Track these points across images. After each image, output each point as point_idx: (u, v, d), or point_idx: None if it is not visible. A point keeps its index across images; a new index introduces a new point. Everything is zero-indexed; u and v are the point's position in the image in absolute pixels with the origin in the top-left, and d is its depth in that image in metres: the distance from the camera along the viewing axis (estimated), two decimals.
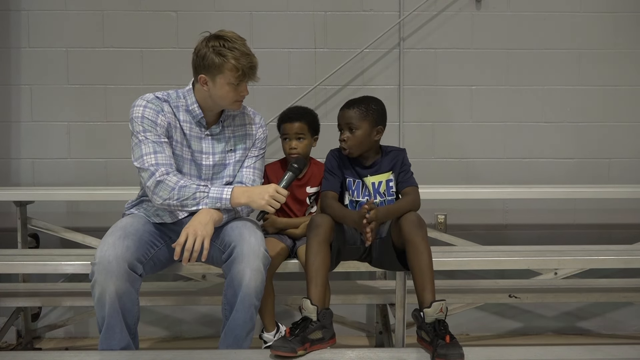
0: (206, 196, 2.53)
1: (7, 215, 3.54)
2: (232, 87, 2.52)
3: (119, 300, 2.36)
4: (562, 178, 3.66)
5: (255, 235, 2.52)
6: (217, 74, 2.50)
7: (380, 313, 3.43)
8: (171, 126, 2.59)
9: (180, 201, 2.52)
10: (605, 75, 3.65)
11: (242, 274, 2.43)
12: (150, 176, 2.50)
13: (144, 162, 2.51)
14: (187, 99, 2.63)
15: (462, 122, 3.65)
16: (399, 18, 3.57)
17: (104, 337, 2.40)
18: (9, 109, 3.60)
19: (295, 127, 2.90)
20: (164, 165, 2.51)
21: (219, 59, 2.48)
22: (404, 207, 2.64)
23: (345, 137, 2.71)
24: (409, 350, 2.47)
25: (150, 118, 2.55)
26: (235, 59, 2.48)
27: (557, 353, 2.45)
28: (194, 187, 2.52)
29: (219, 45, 2.49)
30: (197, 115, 2.62)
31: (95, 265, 2.38)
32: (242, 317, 2.44)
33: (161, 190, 2.50)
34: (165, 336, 3.68)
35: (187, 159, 2.64)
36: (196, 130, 2.65)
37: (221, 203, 2.53)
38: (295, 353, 2.28)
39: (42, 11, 3.55)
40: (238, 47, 2.50)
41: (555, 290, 3.30)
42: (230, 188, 2.55)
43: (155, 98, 2.60)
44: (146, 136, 2.53)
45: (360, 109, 2.70)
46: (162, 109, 2.58)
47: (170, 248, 2.61)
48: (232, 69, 2.48)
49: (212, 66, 2.50)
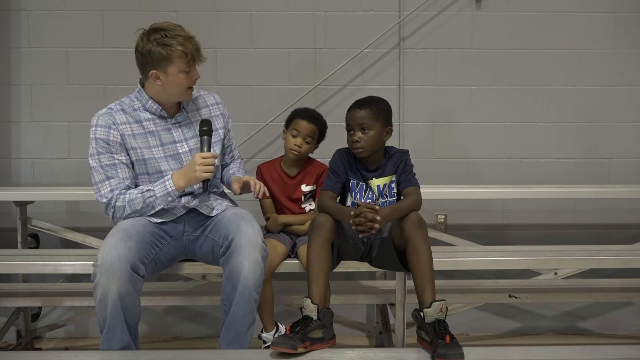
0: (156, 197, 2.57)
1: (7, 215, 3.55)
2: (184, 75, 2.56)
3: (120, 302, 2.36)
4: (562, 178, 3.66)
5: (252, 228, 2.53)
6: (168, 65, 2.53)
7: (380, 313, 3.43)
8: (126, 137, 2.61)
9: (136, 212, 2.59)
10: (605, 75, 3.65)
11: (240, 266, 2.43)
12: (106, 208, 2.60)
13: (100, 192, 2.59)
14: (140, 99, 2.66)
15: (462, 122, 3.65)
16: (399, 18, 3.57)
17: (105, 338, 2.40)
18: (9, 109, 3.60)
19: (309, 128, 2.92)
20: (117, 189, 2.58)
21: (166, 49, 2.51)
22: (407, 207, 2.63)
23: (358, 138, 2.69)
24: (409, 350, 2.47)
25: (102, 138, 2.59)
26: (181, 45, 2.52)
27: (557, 353, 2.45)
28: (139, 195, 2.57)
29: (162, 37, 2.52)
30: (155, 109, 2.66)
31: (98, 267, 2.38)
32: (242, 311, 2.44)
33: (116, 213, 2.59)
34: (165, 336, 3.68)
35: (162, 157, 2.65)
36: (161, 123, 2.68)
37: (171, 196, 2.58)
38: (295, 349, 2.28)
39: (42, 11, 3.55)
40: (179, 33, 2.55)
41: (555, 290, 3.30)
42: (170, 179, 2.57)
43: (106, 112, 2.64)
44: (100, 159, 2.59)
45: (372, 109, 2.70)
46: (113, 123, 2.61)
47: (171, 248, 2.62)
48: (180, 55, 2.52)
49: (160, 59, 2.53)
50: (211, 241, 2.62)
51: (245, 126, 3.56)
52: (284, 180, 3.00)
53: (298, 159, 2.97)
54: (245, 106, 3.59)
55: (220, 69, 3.54)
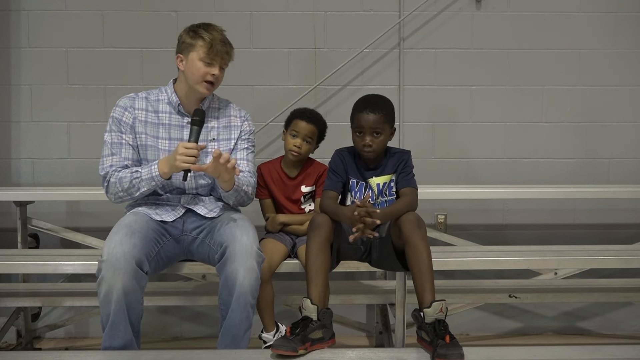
0: (141, 179, 2.60)
1: (7, 215, 3.55)
2: (203, 64, 2.61)
3: (125, 298, 2.37)
4: (562, 178, 3.66)
5: (247, 234, 2.53)
6: (190, 51, 2.63)
7: (380, 313, 3.43)
8: (137, 121, 2.68)
9: (125, 191, 2.62)
10: (605, 75, 3.65)
11: (235, 273, 2.44)
12: (102, 180, 2.67)
13: (102, 164, 2.67)
14: (167, 91, 2.73)
15: (462, 122, 3.65)
16: (399, 18, 3.57)
17: (108, 335, 2.40)
18: (9, 109, 3.60)
19: (308, 128, 2.93)
20: (116, 165, 2.65)
21: (193, 36, 2.62)
22: (401, 209, 2.64)
23: (370, 142, 2.67)
24: (409, 350, 2.47)
25: (117, 117, 2.69)
26: (209, 35, 2.60)
27: (557, 353, 2.45)
28: (129, 175, 2.62)
29: (197, 27, 2.64)
30: (175, 102, 2.70)
31: (103, 262, 2.38)
32: (239, 317, 2.45)
33: (109, 188, 2.65)
34: (165, 336, 3.68)
35: (165, 150, 2.67)
36: (177, 119, 2.71)
37: (155, 181, 2.60)
38: (296, 352, 2.28)
39: (42, 11, 3.55)
40: (214, 30, 2.64)
41: (555, 290, 3.30)
42: (156, 164, 2.59)
43: (130, 96, 2.75)
44: (111, 135, 2.68)
45: (383, 114, 2.69)
46: (130, 106, 2.70)
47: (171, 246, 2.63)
48: (203, 44, 2.60)
49: (185, 44, 2.65)
50: (207, 246, 2.63)
51: None
52: (284, 181, 3.00)
53: (298, 160, 2.97)
54: (245, 106, 3.52)
55: None
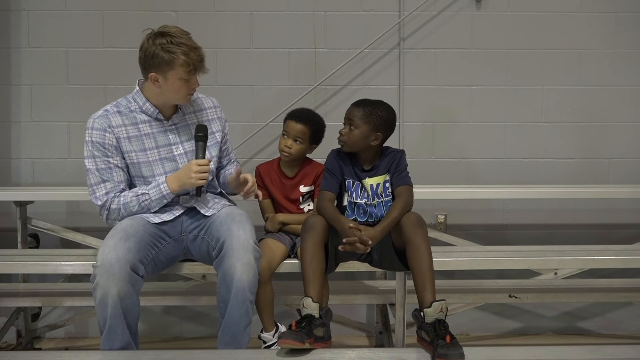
0: (151, 200, 2.60)
1: (7, 215, 3.55)
2: (183, 82, 2.56)
3: (121, 302, 2.37)
4: (562, 178, 3.66)
5: (244, 229, 2.53)
6: (168, 71, 2.53)
7: (380, 313, 3.43)
8: (122, 140, 2.62)
9: (132, 214, 2.61)
10: (605, 75, 3.65)
11: (233, 268, 2.44)
12: (100, 209, 2.64)
13: (95, 194, 2.63)
14: (137, 100, 2.67)
15: (462, 122, 3.65)
16: (399, 18, 3.57)
17: (106, 339, 2.41)
18: (9, 109, 3.60)
19: (297, 128, 2.91)
20: (112, 191, 2.62)
21: (168, 55, 2.51)
22: (397, 217, 2.63)
23: (343, 132, 2.73)
24: (409, 350, 2.47)
25: (97, 141, 2.61)
26: (185, 54, 2.51)
27: (557, 353, 2.46)
28: (134, 199, 2.60)
29: (167, 42, 2.51)
30: (152, 112, 2.66)
31: (97, 267, 2.39)
32: (238, 313, 2.45)
33: (111, 215, 2.63)
34: (165, 336, 3.68)
35: (157, 160, 2.66)
36: (157, 125, 2.68)
37: (166, 199, 2.61)
38: (303, 343, 2.31)
39: (42, 11, 3.55)
40: (185, 42, 2.54)
41: (555, 290, 3.30)
42: (164, 182, 2.59)
43: (102, 114, 2.65)
44: (95, 162, 2.62)
45: (365, 110, 2.71)
46: (109, 126, 2.62)
47: (170, 248, 2.63)
48: (182, 64, 2.52)
49: (162, 63, 2.52)
50: (206, 243, 2.63)
51: (245, 126, 3.56)
52: (282, 181, 3.00)
53: (290, 160, 2.96)
54: (245, 106, 3.59)
55: (220, 69, 3.54)
